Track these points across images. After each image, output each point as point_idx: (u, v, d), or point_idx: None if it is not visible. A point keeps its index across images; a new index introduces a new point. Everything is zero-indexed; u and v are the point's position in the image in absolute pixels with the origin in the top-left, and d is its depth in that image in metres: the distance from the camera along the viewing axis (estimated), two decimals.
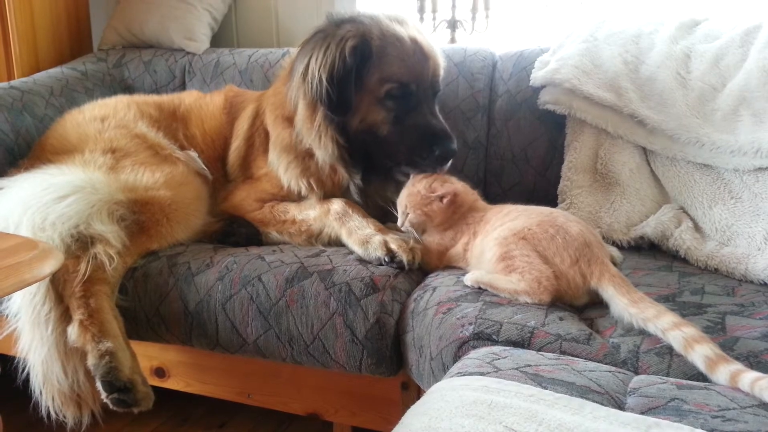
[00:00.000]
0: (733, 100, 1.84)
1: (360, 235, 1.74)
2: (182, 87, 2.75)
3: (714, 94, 1.91)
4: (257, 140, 2.08)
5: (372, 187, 1.91)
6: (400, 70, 1.76)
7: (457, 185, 1.68)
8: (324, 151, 1.83)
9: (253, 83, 2.59)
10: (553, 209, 1.59)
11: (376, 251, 1.67)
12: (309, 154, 1.91)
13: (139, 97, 2.31)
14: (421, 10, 3.14)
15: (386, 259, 1.65)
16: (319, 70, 1.74)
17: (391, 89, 1.77)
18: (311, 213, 1.87)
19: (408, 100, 1.78)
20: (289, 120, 1.93)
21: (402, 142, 1.78)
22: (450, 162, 1.78)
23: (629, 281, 1.38)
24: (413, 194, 1.66)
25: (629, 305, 1.29)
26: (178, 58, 2.80)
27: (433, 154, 1.74)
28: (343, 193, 1.92)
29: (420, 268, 1.69)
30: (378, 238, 1.70)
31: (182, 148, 2.13)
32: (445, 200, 1.62)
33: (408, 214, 1.66)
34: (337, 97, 1.73)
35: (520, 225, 1.48)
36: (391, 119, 1.79)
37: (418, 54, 1.76)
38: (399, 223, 1.70)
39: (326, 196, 1.92)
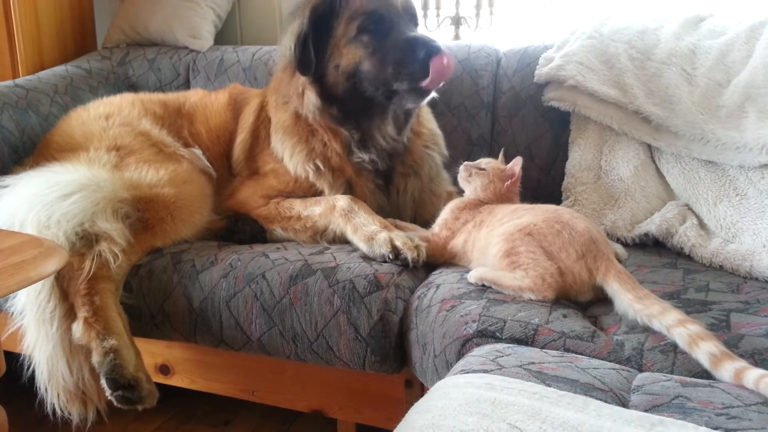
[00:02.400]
0: (739, 96, 1.83)
1: (365, 232, 1.73)
2: (186, 85, 2.75)
3: (719, 91, 1.90)
4: (262, 132, 2.09)
5: (374, 136, 1.91)
6: (365, 1, 1.78)
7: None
8: (309, 103, 1.89)
9: (257, 80, 2.59)
10: (558, 207, 1.59)
11: (380, 248, 1.67)
12: (311, 131, 1.93)
13: (144, 95, 2.32)
14: (425, 6, 3.12)
15: (390, 257, 1.65)
16: (289, 37, 1.88)
17: (362, 22, 1.80)
18: (316, 209, 1.87)
19: (381, 28, 1.78)
20: (288, 102, 1.96)
21: (386, 65, 1.78)
22: (442, 64, 1.71)
23: (634, 278, 1.38)
24: (494, 167, 1.70)
25: (634, 301, 1.29)
26: (182, 55, 2.80)
27: (418, 58, 1.72)
28: (352, 165, 1.92)
29: (425, 265, 1.69)
30: (383, 235, 1.69)
31: (187, 145, 2.13)
32: (509, 182, 1.68)
33: (483, 170, 1.69)
34: (299, 57, 1.84)
35: (526, 221, 1.48)
36: (370, 52, 1.80)
37: None
38: (469, 163, 1.73)
39: (335, 177, 1.92)
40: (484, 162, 1.73)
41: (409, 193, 2.00)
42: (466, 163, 1.75)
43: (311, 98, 1.89)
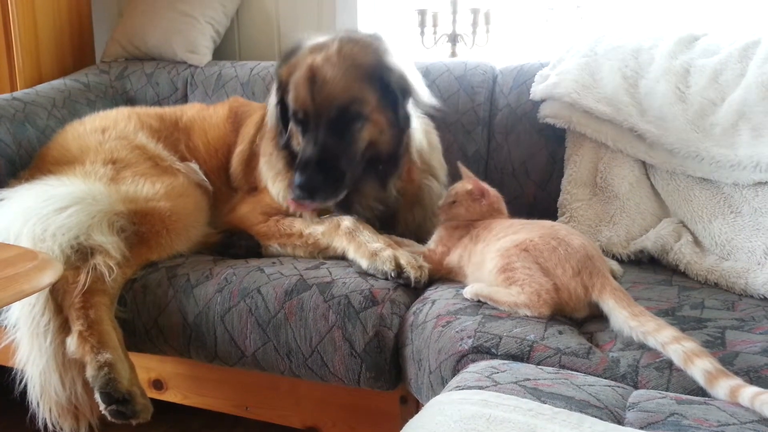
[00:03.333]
0: (732, 114, 1.85)
1: (369, 248, 1.71)
2: (184, 99, 2.76)
3: (713, 109, 1.91)
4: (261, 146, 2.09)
5: (353, 204, 1.87)
6: (293, 96, 1.78)
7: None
8: (276, 166, 1.94)
9: (255, 96, 2.60)
10: (554, 223, 1.59)
11: (384, 264, 1.66)
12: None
13: (141, 109, 2.32)
14: (422, 24, 3.16)
15: (393, 274, 1.64)
16: (272, 96, 1.92)
17: (292, 113, 1.80)
18: (319, 228, 1.84)
19: (304, 125, 1.78)
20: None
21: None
22: (308, 193, 1.70)
23: (630, 295, 1.38)
24: (462, 193, 1.68)
25: (629, 318, 1.29)
26: (181, 70, 2.82)
27: (295, 182, 1.72)
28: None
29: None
30: (388, 253, 1.68)
31: (183, 159, 2.14)
32: (484, 201, 1.66)
33: (454, 202, 1.68)
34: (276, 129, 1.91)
35: (522, 237, 1.48)
36: (301, 139, 1.81)
37: (308, 82, 1.74)
38: (440, 204, 1.72)
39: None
40: (452, 194, 1.70)
41: (417, 222, 1.98)
42: (439, 206, 1.73)
43: (278, 165, 1.92)
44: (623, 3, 3.03)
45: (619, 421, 1.02)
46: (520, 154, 2.25)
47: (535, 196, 2.22)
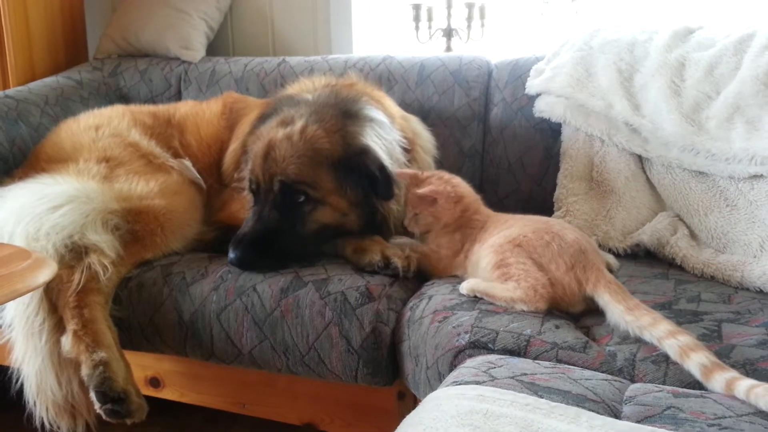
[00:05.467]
0: (728, 108, 1.85)
1: (356, 244, 1.73)
2: (178, 95, 2.75)
3: (708, 102, 1.91)
4: None
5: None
6: (249, 166, 1.79)
7: (457, 187, 1.66)
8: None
9: (249, 91, 2.59)
10: (549, 218, 1.59)
11: (371, 256, 1.66)
12: None
13: (135, 107, 2.31)
14: (417, 18, 3.15)
15: (380, 265, 1.64)
16: None
17: (247, 181, 1.81)
18: None
19: (255, 195, 1.78)
20: None
21: None
22: (240, 268, 1.72)
23: (625, 288, 1.38)
24: (414, 195, 1.64)
25: (625, 313, 1.29)
26: (174, 66, 2.80)
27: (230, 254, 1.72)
28: None
29: (417, 277, 1.68)
30: (376, 246, 1.70)
31: (176, 155, 2.12)
32: (439, 202, 1.60)
33: (416, 214, 1.65)
34: None
35: (515, 232, 1.48)
36: (251, 210, 1.80)
37: (263, 156, 1.73)
38: (406, 222, 1.69)
39: None
40: (409, 208, 1.66)
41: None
42: (405, 224, 1.69)
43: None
44: None
45: (616, 414, 1.02)
46: (516, 148, 2.25)
47: (531, 191, 2.22)
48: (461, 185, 1.68)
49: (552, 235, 1.45)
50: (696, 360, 1.12)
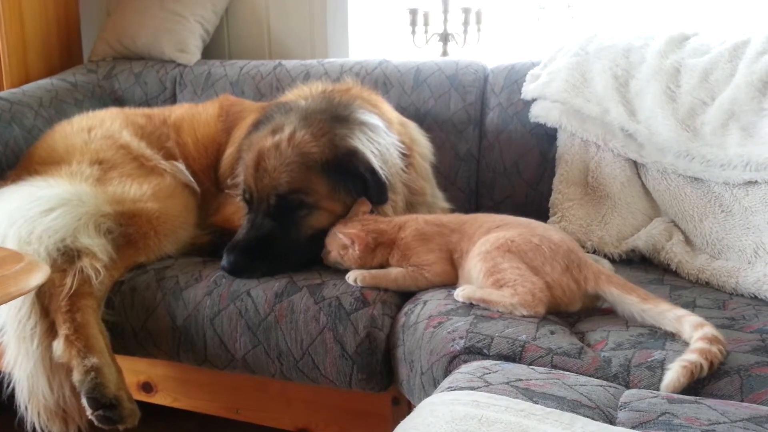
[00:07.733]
0: (723, 114, 1.85)
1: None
2: (173, 99, 2.74)
3: (704, 108, 1.92)
4: None
5: None
6: (242, 176, 1.79)
7: (354, 229, 1.62)
8: None
9: (245, 95, 2.58)
10: (525, 219, 1.57)
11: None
12: None
13: (130, 110, 2.30)
14: (413, 23, 3.15)
15: None
16: None
17: (241, 190, 1.81)
18: None
19: (249, 204, 1.78)
20: None
21: None
22: (232, 274, 1.71)
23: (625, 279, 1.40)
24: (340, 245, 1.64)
25: (640, 302, 1.32)
26: (169, 69, 2.79)
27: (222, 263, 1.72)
28: None
29: None
30: None
31: (172, 157, 2.11)
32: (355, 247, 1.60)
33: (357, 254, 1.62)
34: None
35: (502, 237, 1.46)
36: (244, 218, 1.80)
37: (254, 166, 1.73)
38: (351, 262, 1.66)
39: None
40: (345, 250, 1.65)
41: None
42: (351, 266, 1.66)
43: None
44: (614, 2, 3.04)
45: (611, 420, 1.02)
46: (512, 153, 2.25)
47: (526, 196, 2.22)
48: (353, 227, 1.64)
49: (539, 237, 1.44)
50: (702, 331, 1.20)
